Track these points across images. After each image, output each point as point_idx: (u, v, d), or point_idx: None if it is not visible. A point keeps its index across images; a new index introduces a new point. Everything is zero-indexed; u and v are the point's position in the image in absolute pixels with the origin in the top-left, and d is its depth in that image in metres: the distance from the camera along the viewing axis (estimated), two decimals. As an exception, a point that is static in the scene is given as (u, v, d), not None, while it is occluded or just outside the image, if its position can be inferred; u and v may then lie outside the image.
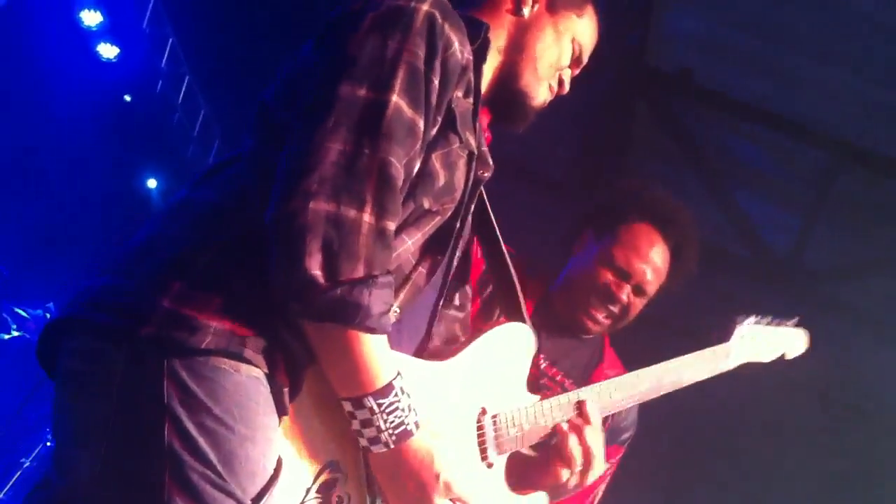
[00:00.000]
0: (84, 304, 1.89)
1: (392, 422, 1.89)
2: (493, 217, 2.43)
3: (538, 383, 3.20)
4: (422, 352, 2.23)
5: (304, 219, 1.71)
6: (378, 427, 1.89)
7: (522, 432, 2.27)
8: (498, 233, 2.45)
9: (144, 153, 9.06)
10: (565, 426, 2.40)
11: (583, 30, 2.35)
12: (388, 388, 1.87)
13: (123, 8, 7.98)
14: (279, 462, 1.87)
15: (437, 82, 1.94)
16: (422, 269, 2.11)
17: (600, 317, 3.00)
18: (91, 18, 7.81)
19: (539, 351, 2.51)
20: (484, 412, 2.21)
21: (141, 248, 1.95)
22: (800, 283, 6.77)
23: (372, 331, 1.82)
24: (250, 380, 1.84)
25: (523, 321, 2.36)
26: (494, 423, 2.23)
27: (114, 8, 7.89)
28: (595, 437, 2.41)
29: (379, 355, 1.86)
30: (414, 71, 1.88)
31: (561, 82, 2.36)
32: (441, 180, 2.05)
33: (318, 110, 1.82)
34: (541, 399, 2.34)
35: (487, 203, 2.41)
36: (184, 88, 8.78)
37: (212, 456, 1.78)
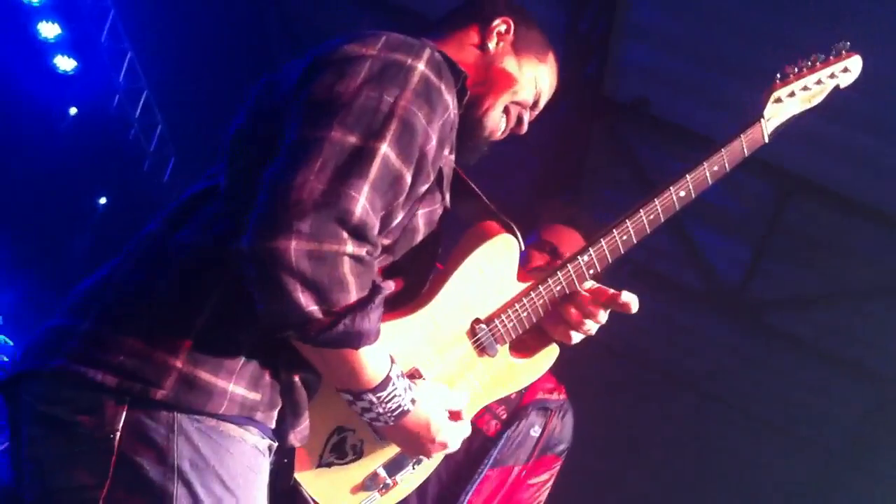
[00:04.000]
0: (72, 357, 1.83)
1: (390, 407, 1.98)
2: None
3: None
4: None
5: (288, 257, 1.69)
6: (378, 412, 1.98)
7: (520, 320, 2.34)
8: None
9: (99, 167, 8.97)
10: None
11: (543, 75, 2.37)
12: (385, 382, 1.93)
13: (82, 21, 7.92)
14: None
15: (434, 142, 1.94)
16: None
17: None
18: (49, 30, 7.74)
19: None
20: (477, 321, 2.30)
21: (127, 298, 1.90)
22: (748, 313, 6.87)
23: (371, 344, 1.86)
24: (253, 450, 1.89)
25: (499, 225, 2.35)
26: (490, 327, 2.31)
27: (72, 20, 7.83)
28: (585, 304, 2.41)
29: (375, 358, 1.90)
30: (408, 126, 1.86)
31: (520, 120, 2.36)
32: (420, 236, 2.11)
33: (306, 149, 1.80)
34: (533, 285, 2.36)
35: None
36: (141, 103, 8.72)
37: None
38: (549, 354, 2.48)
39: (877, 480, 7.21)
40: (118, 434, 1.76)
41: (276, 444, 1.96)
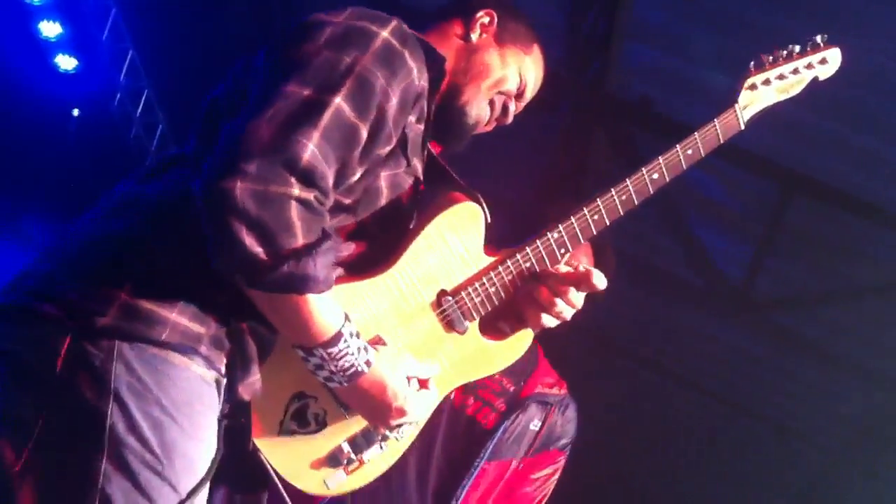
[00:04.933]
0: (26, 293, 1.90)
1: (342, 366, 1.98)
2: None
3: (475, 382, 3.25)
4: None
5: (234, 197, 1.75)
6: (330, 370, 1.99)
7: (488, 295, 2.32)
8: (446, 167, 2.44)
9: (101, 166, 8.96)
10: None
11: (528, 66, 2.41)
12: (336, 337, 1.94)
13: (83, 20, 7.91)
14: (212, 463, 1.95)
15: (395, 102, 1.98)
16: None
17: None
18: (50, 30, 7.73)
19: None
20: (443, 293, 2.28)
21: (87, 241, 1.96)
22: (751, 313, 6.86)
23: (320, 293, 1.88)
24: (198, 379, 1.90)
25: (465, 196, 2.36)
26: (456, 299, 2.29)
27: (73, 19, 7.82)
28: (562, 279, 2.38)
29: (325, 310, 1.92)
30: (365, 83, 1.91)
31: (505, 110, 2.41)
32: (384, 200, 2.13)
33: (261, 101, 1.87)
34: (496, 270, 2.35)
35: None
36: (142, 102, 8.71)
37: (153, 443, 1.82)
38: (523, 339, 2.46)
39: (880, 481, 7.21)
40: (60, 360, 1.80)
41: (225, 381, 1.97)
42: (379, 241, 2.19)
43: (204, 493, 1.93)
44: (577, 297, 2.35)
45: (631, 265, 6.58)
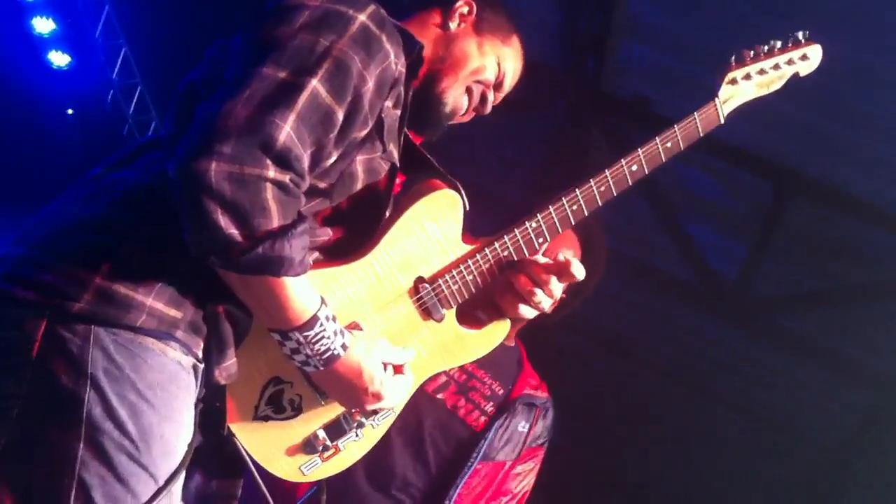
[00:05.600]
0: (1, 277, 1.89)
1: (318, 349, 1.98)
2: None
3: (467, 385, 3.26)
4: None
5: (209, 178, 1.74)
6: (306, 354, 1.99)
7: (465, 283, 2.32)
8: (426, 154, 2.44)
9: (93, 162, 8.93)
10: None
11: (507, 56, 2.43)
12: (312, 321, 1.95)
13: (76, 16, 7.90)
14: (189, 448, 1.95)
15: (371, 86, 1.98)
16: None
17: None
18: (43, 26, 7.72)
19: None
20: (421, 280, 2.28)
21: (63, 224, 1.96)
22: (745, 311, 6.86)
23: (295, 275, 1.88)
24: (174, 364, 1.90)
25: (444, 183, 2.36)
26: (433, 287, 2.29)
27: (67, 16, 7.81)
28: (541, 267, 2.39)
29: (301, 293, 1.92)
30: (341, 66, 1.92)
31: (483, 99, 2.43)
32: (359, 184, 2.13)
33: (237, 83, 1.87)
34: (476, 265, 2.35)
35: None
36: (135, 99, 8.69)
37: (130, 427, 1.82)
38: (500, 329, 2.46)
39: (876, 481, 7.20)
40: (36, 346, 1.80)
41: (202, 367, 1.97)
42: (356, 227, 2.20)
43: (180, 478, 1.94)
44: (557, 287, 2.36)
45: (625, 263, 6.57)
